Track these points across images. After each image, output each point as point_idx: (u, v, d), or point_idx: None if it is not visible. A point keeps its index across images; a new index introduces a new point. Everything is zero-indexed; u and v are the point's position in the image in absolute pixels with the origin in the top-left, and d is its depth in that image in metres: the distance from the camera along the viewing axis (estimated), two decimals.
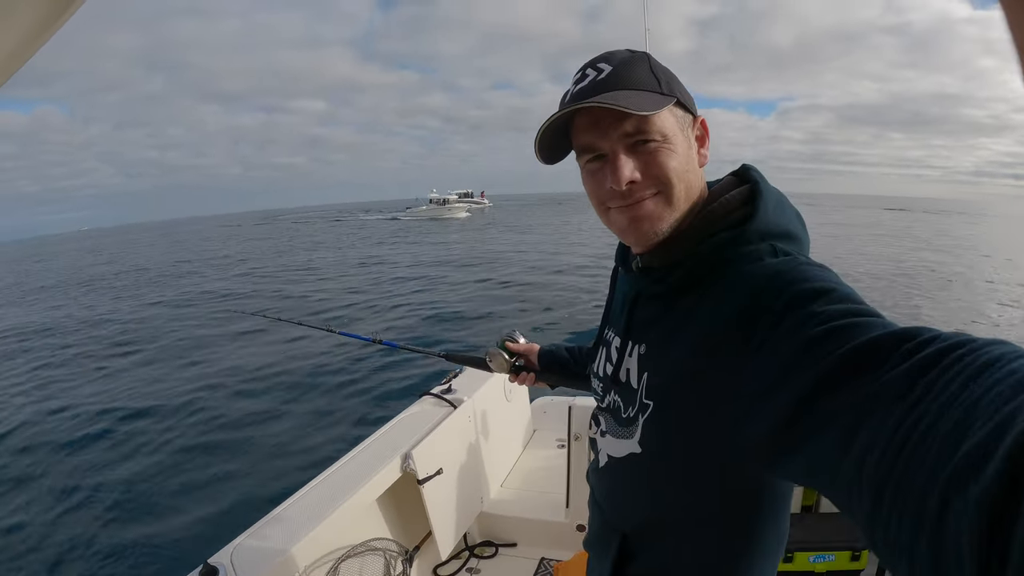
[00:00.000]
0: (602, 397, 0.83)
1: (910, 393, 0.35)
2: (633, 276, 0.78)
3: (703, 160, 0.72)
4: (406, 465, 1.82)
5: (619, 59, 0.68)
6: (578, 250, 21.99)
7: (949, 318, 10.26)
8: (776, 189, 0.70)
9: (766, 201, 0.67)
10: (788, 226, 0.67)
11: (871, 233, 26.72)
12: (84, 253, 51.07)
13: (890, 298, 11.79)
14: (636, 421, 0.71)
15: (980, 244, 27.19)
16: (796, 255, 0.63)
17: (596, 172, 0.69)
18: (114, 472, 5.29)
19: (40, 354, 10.85)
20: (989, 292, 13.35)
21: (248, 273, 21.38)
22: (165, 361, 9.55)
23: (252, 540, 1.45)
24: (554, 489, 2.35)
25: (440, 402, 2.18)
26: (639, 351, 0.74)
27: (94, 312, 14.96)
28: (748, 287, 0.59)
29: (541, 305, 11.77)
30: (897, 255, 18.18)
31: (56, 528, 4.40)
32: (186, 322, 12.79)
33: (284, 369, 8.21)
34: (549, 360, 1.25)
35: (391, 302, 13.03)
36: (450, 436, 2.06)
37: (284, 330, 10.52)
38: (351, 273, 18.83)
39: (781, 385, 0.48)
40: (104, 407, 7.34)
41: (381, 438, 1.94)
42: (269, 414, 6.37)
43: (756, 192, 0.69)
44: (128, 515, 4.48)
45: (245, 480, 4.82)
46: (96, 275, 26.37)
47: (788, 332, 0.51)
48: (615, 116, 0.64)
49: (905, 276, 15.05)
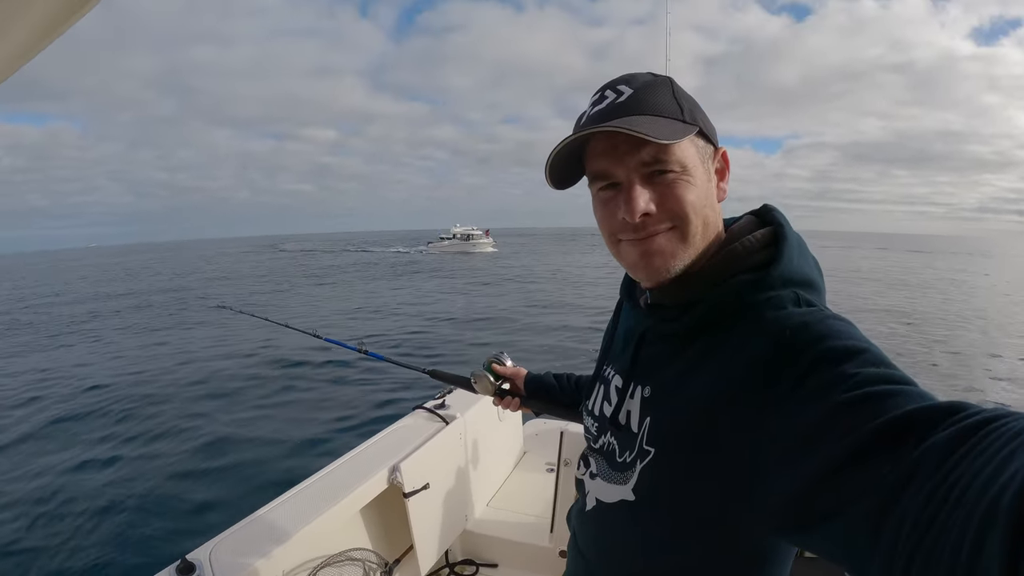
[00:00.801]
0: (596, 437, 0.77)
1: (944, 465, 0.34)
2: (640, 312, 0.74)
3: (722, 194, 0.68)
4: (393, 477, 1.82)
5: (641, 82, 0.64)
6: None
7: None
8: (798, 234, 0.66)
9: (790, 245, 0.63)
10: (810, 274, 0.63)
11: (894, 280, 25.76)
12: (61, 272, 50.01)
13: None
14: (633, 467, 0.66)
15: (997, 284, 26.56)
16: (821, 307, 0.60)
17: (609, 201, 0.64)
18: (95, 462, 5.28)
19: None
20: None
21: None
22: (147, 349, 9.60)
23: (232, 539, 1.44)
24: (540, 513, 2.33)
25: (433, 417, 2.18)
26: (642, 393, 0.68)
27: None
28: (772, 336, 0.55)
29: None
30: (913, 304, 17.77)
31: (35, 518, 4.37)
32: (167, 317, 12.72)
33: (279, 373, 8.21)
34: (535, 386, 1.21)
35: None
36: (440, 452, 2.06)
37: (273, 333, 10.54)
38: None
39: (808, 449, 0.45)
40: (86, 393, 7.37)
41: (371, 448, 1.94)
42: (259, 416, 6.35)
43: (780, 236, 0.64)
44: (108, 505, 4.46)
45: (228, 479, 4.79)
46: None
47: (816, 392, 0.47)
48: (633, 143, 0.59)
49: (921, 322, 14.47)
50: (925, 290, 22.42)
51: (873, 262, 40.25)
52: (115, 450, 5.57)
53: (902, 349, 10.24)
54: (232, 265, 45.76)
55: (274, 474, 4.77)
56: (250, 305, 3.10)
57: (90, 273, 44.10)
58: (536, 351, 9.67)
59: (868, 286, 22.74)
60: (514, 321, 13.30)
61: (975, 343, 11.56)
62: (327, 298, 20.03)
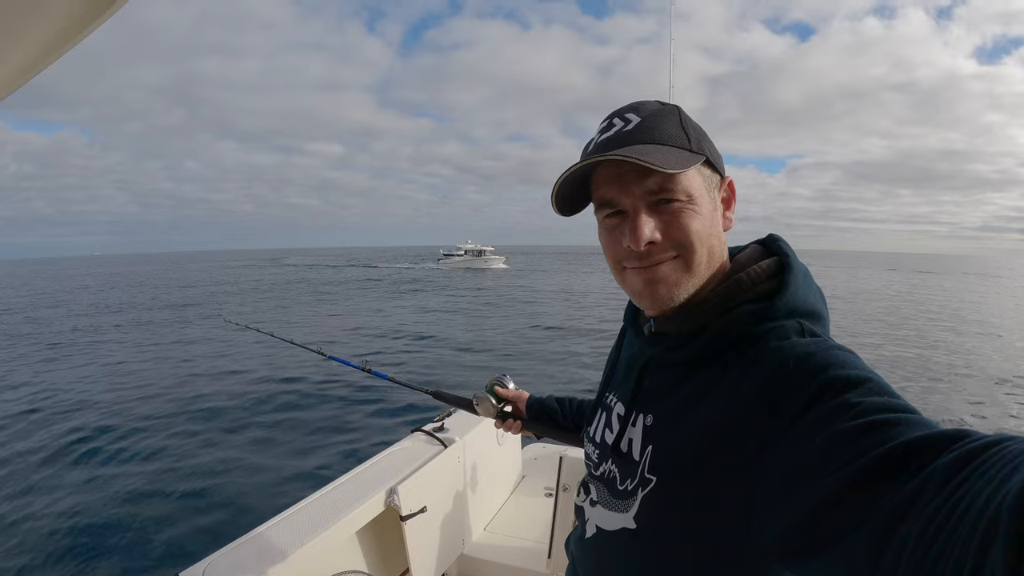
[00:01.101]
0: (597, 465, 0.77)
1: (947, 485, 0.35)
2: (644, 340, 0.73)
3: (728, 224, 0.68)
4: (391, 500, 1.81)
5: (648, 111, 0.65)
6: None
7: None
8: (803, 264, 0.66)
9: (796, 276, 0.64)
10: (815, 304, 0.64)
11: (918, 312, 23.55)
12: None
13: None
14: (634, 495, 0.66)
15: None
16: (825, 337, 0.60)
17: (614, 229, 0.65)
18: (90, 480, 5.24)
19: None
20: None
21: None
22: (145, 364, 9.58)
23: (227, 558, 1.44)
24: (537, 538, 2.31)
25: (431, 440, 2.17)
26: (644, 421, 0.68)
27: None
28: (776, 366, 0.55)
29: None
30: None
31: (26, 531, 4.33)
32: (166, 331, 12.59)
33: (278, 390, 8.19)
34: (537, 410, 1.21)
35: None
36: (438, 475, 2.05)
37: (273, 349, 10.53)
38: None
39: (811, 479, 0.45)
40: (81, 416, 7.33)
41: (368, 470, 1.94)
42: (256, 435, 6.32)
43: (786, 266, 0.65)
44: (102, 523, 4.42)
45: (223, 497, 4.75)
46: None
47: (819, 421, 0.48)
48: (639, 171, 0.60)
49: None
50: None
51: (905, 287, 37.97)
52: (109, 466, 5.54)
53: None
54: (236, 278, 45.94)
55: (270, 493, 4.74)
56: (256, 321, 3.09)
57: (92, 283, 44.25)
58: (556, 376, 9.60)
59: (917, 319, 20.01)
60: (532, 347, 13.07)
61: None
62: (330, 315, 20.03)
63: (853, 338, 13.57)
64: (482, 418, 2.41)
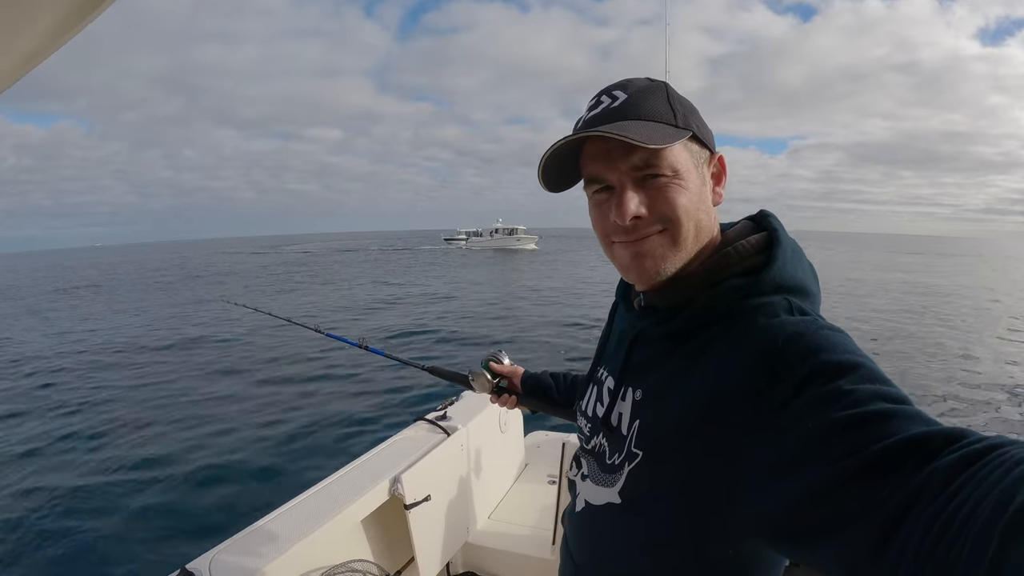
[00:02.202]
0: (588, 439, 0.78)
1: (949, 486, 0.35)
2: (634, 314, 0.74)
3: (718, 199, 0.68)
4: (394, 489, 1.81)
5: (636, 87, 0.66)
6: None
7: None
8: (793, 240, 0.67)
9: (783, 251, 0.64)
10: (804, 280, 0.64)
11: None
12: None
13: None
14: (621, 469, 0.66)
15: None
16: (815, 316, 0.60)
17: (602, 204, 0.66)
18: (93, 467, 5.27)
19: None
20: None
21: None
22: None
23: (232, 550, 1.44)
24: (542, 525, 2.32)
25: (434, 428, 2.17)
26: (634, 396, 0.69)
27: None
28: (764, 345, 0.55)
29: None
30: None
31: (29, 521, 4.35)
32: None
33: (279, 376, 8.20)
34: (532, 385, 1.22)
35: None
36: (441, 463, 2.06)
37: (276, 335, 10.55)
38: None
39: (805, 465, 0.45)
40: (84, 402, 7.36)
41: (371, 460, 1.94)
42: (259, 421, 6.34)
43: (774, 240, 0.65)
44: (105, 511, 4.44)
45: (228, 489, 4.77)
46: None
47: (813, 406, 0.48)
48: (625, 148, 0.61)
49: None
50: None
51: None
52: (109, 454, 5.56)
53: None
54: (246, 265, 45.68)
55: (274, 483, 4.76)
56: (267, 304, 3.08)
57: (91, 274, 44.16)
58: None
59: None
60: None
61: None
62: (332, 296, 20.25)
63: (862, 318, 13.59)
64: (484, 406, 2.42)
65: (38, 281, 37.42)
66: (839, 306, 15.76)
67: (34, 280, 38.01)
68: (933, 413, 0.85)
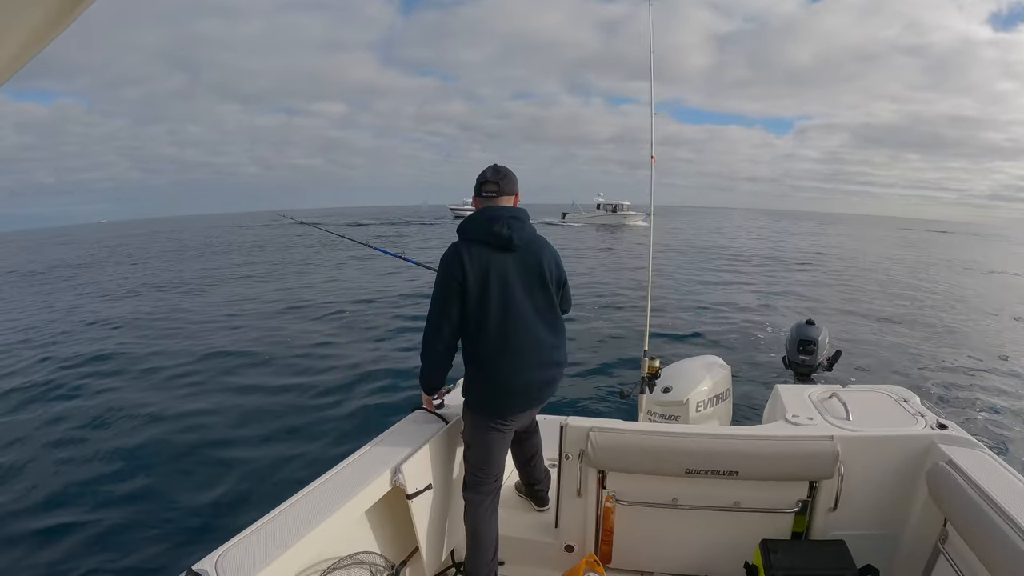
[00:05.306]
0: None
1: None
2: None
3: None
4: (395, 479, 1.82)
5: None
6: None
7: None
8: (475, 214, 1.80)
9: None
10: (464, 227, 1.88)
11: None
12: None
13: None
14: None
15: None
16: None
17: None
18: (101, 465, 5.24)
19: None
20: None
21: None
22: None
23: (238, 548, 1.44)
24: (543, 508, 2.35)
25: (432, 417, 2.18)
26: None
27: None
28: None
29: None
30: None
31: (32, 516, 4.33)
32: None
33: (282, 368, 8.16)
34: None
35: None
36: (440, 452, 2.07)
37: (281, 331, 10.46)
38: None
39: None
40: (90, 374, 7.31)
41: (371, 451, 1.95)
42: (264, 415, 6.33)
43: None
44: (111, 508, 4.42)
45: (231, 489, 4.77)
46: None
47: None
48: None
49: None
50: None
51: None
52: (114, 447, 5.52)
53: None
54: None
55: (279, 476, 4.76)
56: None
57: (98, 251, 42.81)
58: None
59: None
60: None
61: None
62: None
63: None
64: None
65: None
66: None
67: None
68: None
